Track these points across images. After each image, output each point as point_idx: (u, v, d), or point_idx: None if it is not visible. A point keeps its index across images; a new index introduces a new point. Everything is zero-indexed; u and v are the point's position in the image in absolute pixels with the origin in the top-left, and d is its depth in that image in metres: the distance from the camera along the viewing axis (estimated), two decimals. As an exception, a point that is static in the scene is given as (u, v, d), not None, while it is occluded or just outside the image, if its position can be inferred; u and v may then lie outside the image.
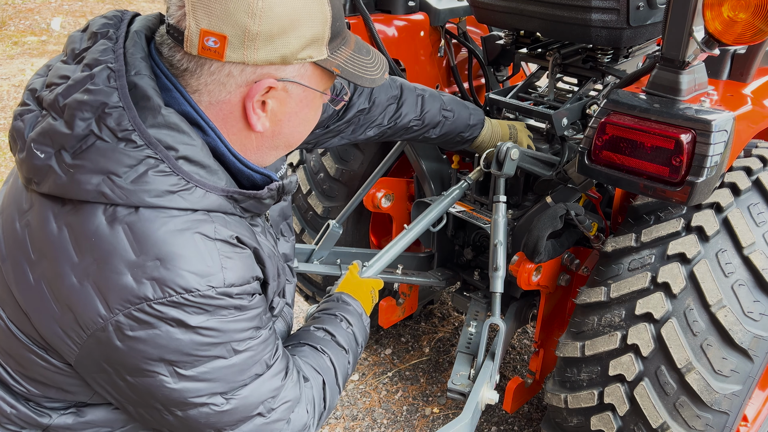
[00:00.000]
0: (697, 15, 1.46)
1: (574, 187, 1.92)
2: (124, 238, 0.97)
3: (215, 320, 1.01)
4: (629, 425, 1.66)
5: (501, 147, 1.88)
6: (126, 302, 0.96)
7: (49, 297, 1.00)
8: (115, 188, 0.96)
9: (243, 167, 1.11)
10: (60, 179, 0.98)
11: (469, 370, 1.90)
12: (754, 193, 1.71)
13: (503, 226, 1.88)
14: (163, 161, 0.98)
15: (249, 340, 1.08)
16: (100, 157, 0.97)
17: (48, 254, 1.00)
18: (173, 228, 0.98)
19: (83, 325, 0.99)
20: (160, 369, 1.00)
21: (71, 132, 0.97)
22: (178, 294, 0.97)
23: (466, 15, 2.53)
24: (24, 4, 9.20)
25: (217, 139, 1.07)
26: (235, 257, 1.04)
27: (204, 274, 0.99)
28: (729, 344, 1.56)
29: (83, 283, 0.98)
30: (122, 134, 0.97)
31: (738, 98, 1.72)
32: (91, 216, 0.98)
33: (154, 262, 0.96)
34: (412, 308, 2.67)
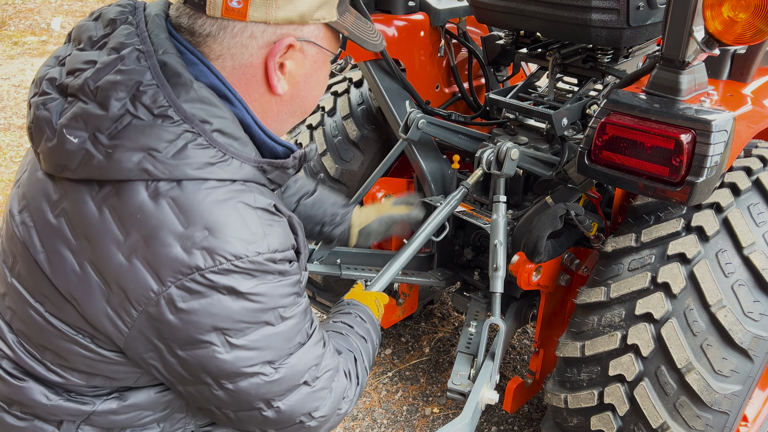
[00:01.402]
0: (697, 15, 1.46)
1: (574, 187, 1.92)
2: (170, 212, 0.98)
3: (263, 285, 1.03)
4: (629, 425, 1.66)
5: (501, 147, 1.88)
6: (178, 273, 0.98)
7: (97, 279, 1.01)
8: (157, 163, 0.98)
9: (267, 139, 1.14)
10: (98, 161, 0.98)
11: (469, 370, 1.90)
12: (754, 193, 1.71)
13: (503, 226, 1.88)
14: (200, 135, 1.01)
15: (293, 306, 1.10)
16: (138, 135, 0.98)
17: (91, 237, 1.01)
18: (217, 198, 1.01)
19: (135, 302, 0.99)
20: (212, 339, 1.02)
21: (106, 113, 0.98)
22: (228, 261, 0.99)
23: (466, 15, 2.53)
24: (24, 4, 9.20)
25: (243, 110, 1.10)
26: (275, 225, 1.07)
27: (250, 240, 1.01)
28: (729, 344, 1.56)
29: (132, 260, 0.98)
30: (158, 111, 0.99)
31: (738, 98, 1.72)
32: (133, 194, 0.99)
33: (203, 232, 0.98)
34: (412, 308, 2.67)
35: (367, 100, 2.56)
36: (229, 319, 1.02)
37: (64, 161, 1.01)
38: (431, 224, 1.97)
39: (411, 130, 2.13)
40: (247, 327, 1.04)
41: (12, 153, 5.09)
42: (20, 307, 1.10)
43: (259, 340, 1.06)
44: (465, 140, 2.27)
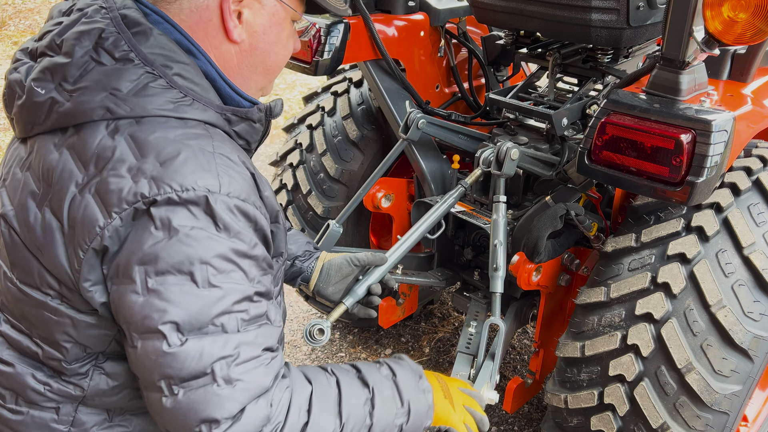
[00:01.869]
0: (697, 15, 1.46)
1: (574, 187, 1.92)
2: (126, 146, 1.01)
3: (200, 231, 0.99)
4: (629, 425, 1.66)
5: (501, 147, 1.88)
6: (123, 203, 0.98)
7: (56, 222, 1.03)
8: (118, 101, 1.01)
9: (231, 91, 1.15)
10: (62, 106, 1.03)
11: (469, 370, 1.90)
12: (754, 193, 1.71)
13: (503, 226, 1.88)
14: (160, 77, 1.04)
15: (226, 277, 1.01)
16: (101, 77, 1.03)
17: (51, 180, 1.04)
18: (175, 136, 1.02)
19: (83, 240, 1.00)
20: (134, 274, 0.99)
21: (71, 60, 1.03)
22: (173, 190, 0.98)
23: (466, 15, 2.53)
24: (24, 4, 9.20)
25: (206, 62, 1.12)
26: (233, 173, 1.04)
27: (201, 176, 1.00)
28: (729, 344, 1.56)
29: (84, 194, 1.01)
30: (120, 54, 1.04)
31: (738, 98, 1.72)
32: (93, 133, 1.02)
33: (154, 164, 0.99)
34: (412, 308, 2.67)
35: (367, 100, 2.56)
36: (154, 255, 0.97)
37: (33, 115, 1.06)
38: (427, 221, 1.96)
39: (411, 130, 2.13)
40: (168, 272, 0.98)
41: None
42: (2, 282, 1.15)
43: (174, 293, 0.98)
44: (465, 140, 2.27)
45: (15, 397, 1.16)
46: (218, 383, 1.00)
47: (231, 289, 1.02)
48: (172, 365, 0.99)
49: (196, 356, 0.99)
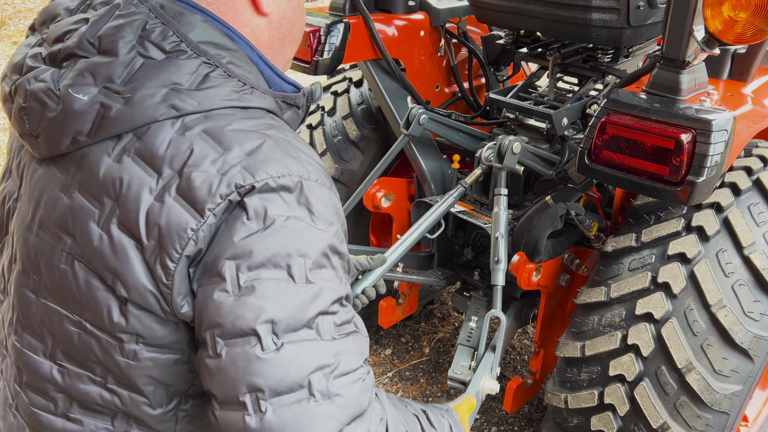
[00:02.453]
0: (698, 14, 1.46)
1: (575, 186, 1.92)
2: (203, 142, 0.91)
3: (295, 220, 0.90)
4: (629, 425, 1.66)
5: (503, 140, 1.87)
6: (217, 197, 0.88)
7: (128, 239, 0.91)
8: (183, 96, 0.91)
9: (275, 75, 1.08)
10: (117, 110, 0.91)
11: (469, 361, 1.89)
12: (755, 193, 1.71)
13: (505, 218, 1.88)
14: (217, 66, 0.95)
15: (321, 271, 0.92)
16: (156, 72, 0.92)
17: (115, 194, 0.92)
18: (250, 127, 0.94)
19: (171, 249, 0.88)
20: (224, 270, 0.88)
21: (115, 58, 0.92)
22: (269, 176, 0.89)
23: (466, 15, 2.53)
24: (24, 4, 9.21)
25: (247, 46, 1.04)
26: (314, 161, 0.98)
27: (291, 163, 0.92)
28: (729, 344, 1.56)
29: (164, 199, 0.89)
30: (171, 47, 0.93)
31: (738, 98, 1.72)
32: (159, 133, 0.91)
33: (239, 154, 0.90)
34: (412, 308, 2.67)
35: (367, 99, 2.56)
36: (246, 247, 0.87)
37: (74, 126, 0.92)
38: (427, 221, 1.96)
39: (413, 126, 2.12)
40: (263, 265, 0.88)
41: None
42: (58, 326, 1.00)
43: (270, 288, 0.87)
44: (465, 139, 2.27)
45: None
46: (315, 398, 0.87)
47: (326, 287, 0.92)
48: (264, 374, 0.86)
49: (293, 364, 0.87)
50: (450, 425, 1.26)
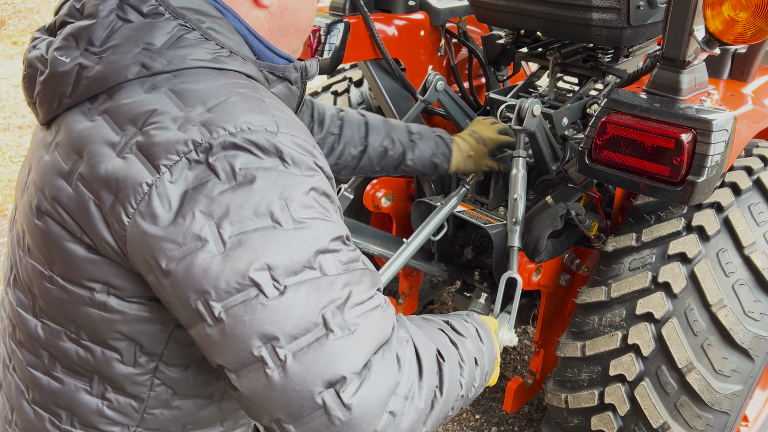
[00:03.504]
0: (698, 14, 1.46)
1: (575, 186, 1.92)
2: (168, 99, 0.90)
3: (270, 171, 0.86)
4: (630, 425, 1.66)
5: (523, 102, 1.86)
6: (173, 154, 0.86)
7: (89, 194, 0.91)
8: (154, 55, 0.92)
9: (263, 47, 1.06)
10: (92, 70, 0.93)
11: None
12: (755, 193, 1.71)
13: (522, 179, 1.86)
14: (194, 29, 0.96)
15: (311, 211, 0.87)
16: (131, 33, 0.93)
17: (83, 150, 0.92)
18: (218, 85, 0.93)
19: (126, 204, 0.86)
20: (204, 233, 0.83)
21: (96, 21, 0.95)
22: (227, 132, 0.86)
23: (466, 14, 2.53)
24: (23, 3, 9.20)
25: (235, 19, 1.03)
26: (289, 116, 0.95)
27: (256, 117, 0.89)
28: (730, 344, 1.56)
29: (125, 155, 0.88)
30: (148, 9, 0.95)
31: (738, 98, 1.72)
32: (128, 93, 0.92)
33: (201, 111, 0.89)
34: (412, 308, 2.67)
35: (367, 99, 2.56)
36: (222, 206, 0.84)
37: (59, 88, 0.96)
38: (431, 223, 1.96)
39: (429, 92, 2.10)
40: (244, 217, 0.84)
41: (11, 153, 5.09)
42: (38, 283, 1.02)
43: (258, 239, 0.83)
44: None
45: (70, 418, 1.05)
46: (334, 332, 0.82)
47: (319, 225, 0.87)
48: (274, 319, 0.81)
49: (301, 304, 0.82)
50: (476, 328, 1.22)
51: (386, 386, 0.85)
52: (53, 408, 1.07)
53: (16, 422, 1.14)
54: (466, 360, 1.09)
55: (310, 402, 0.82)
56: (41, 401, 1.08)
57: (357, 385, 0.82)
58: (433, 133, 1.91)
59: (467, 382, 1.08)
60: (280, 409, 0.83)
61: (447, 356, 1.02)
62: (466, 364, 1.08)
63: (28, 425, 1.11)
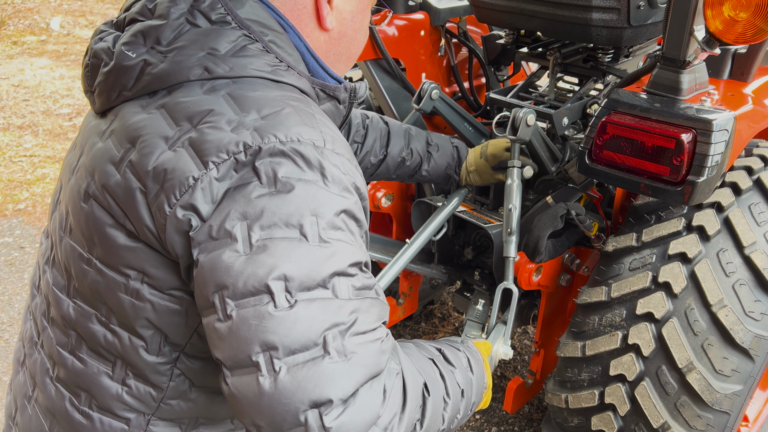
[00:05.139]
0: (698, 14, 1.46)
1: (575, 186, 1.92)
2: (225, 103, 0.95)
3: (308, 183, 0.90)
4: (630, 425, 1.66)
5: (517, 112, 1.86)
6: (222, 152, 0.90)
7: (134, 184, 0.94)
8: (217, 60, 0.98)
9: (319, 67, 1.12)
10: (156, 67, 0.98)
11: (480, 333, 1.88)
12: (755, 193, 1.71)
13: (517, 190, 1.87)
14: (257, 41, 1.01)
15: (336, 232, 0.91)
16: (197, 37, 0.99)
17: (136, 139, 0.96)
18: (274, 95, 0.98)
19: (170, 193, 0.90)
20: (234, 230, 0.87)
21: (166, 22, 1.00)
22: (277, 139, 0.90)
23: (466, 14, 2.52)
24: (23, 3, 9.20)
25: (296, 36, 1.09)
26: (336, 134, 1.00)
27: (306, 131, 0.94)
28: (730, 344, 1.56)
29: (176, 149, 0.92)
30: (216, 17, 1.01)
31: (739, 98, 1.72)
32: (188, 92, 0.98)
33: (255, 117, 0.94)
34: (412, 308, 2.67)
35: (367, 99, 2.56)
36: (257, 209, 0.87)
37: (121, 80, 1.01)
38: (432, 224, 1.96)
39: (424, 100, 2.11)
40: (275, 224, 0.87)
41: (11, 153, 5.09)
42: (75, 265, 1.05)
43: (283, 247, 0.87)
44: (470, 131, 2.26)
45: (89, 400, 1.08)
46: (330, 355, 0.85)
47: (342, 248, 0.91)
48: (278, 330, 0.84)
49: (307, 321, 0.85)
50: (467, 357, 1.25)
51: (368, 416, 0.87)
52: (74, 388, 1.09)
53: (36, 398, 1.17)
54: (451, 394, 1.12)
55: (293, 417, 0.84)
56: (64, 380, 1.11)
57: (340, 411, 0.85)
58: (451, 145, 1.97)
59: (450, 416, 1.11)
60: (263, 417, 0.86)
61: (433, 390, 1.05)
62: (450, 399, 1.11)
63: (48, 403, 1.13)
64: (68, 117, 5.82)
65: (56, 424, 1.12)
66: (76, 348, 1.08)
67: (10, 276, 3.59)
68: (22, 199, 4.43)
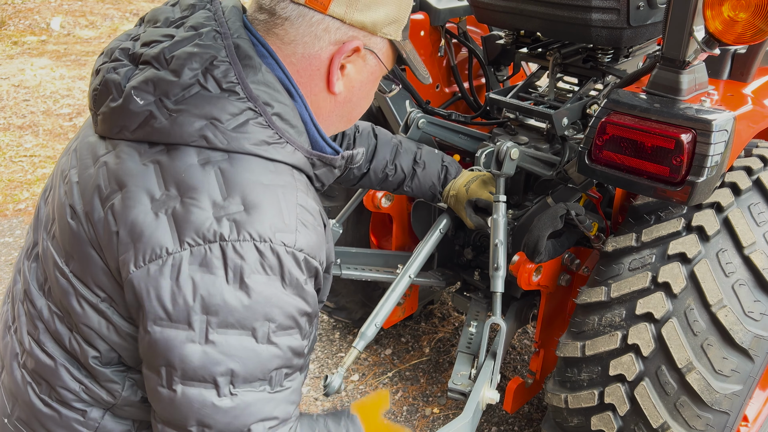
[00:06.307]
0: (698, 15, 1.46)
1: (575, 187, 1.92)
2: (215, 180, 1.00)
3: (269, 286, 0.99)
4: (630, 425, 1.66)
5: (501, 146, 1.88)
6: (200, 237, 0.97)
7: (113, 228, 1.01)
8: (217, 132, 1.01)
9: (319, 137, 1.17)
10: (160, 123, 1.02)
11: (469, 369, 1.90)
12: (755, 193, 1.71)
13: (503, 225, 1.88)
14: (261, 115, 1.05)
15: (285, 334, 1.02)
16: (204, 103, 1.02)
17: (124, 184, 1.02)
18: (263, 180, 1.02)
19: (142, 255, 0.98)
20: (194, 321, 0.97)
21: (178, 80, 1.03)
22: (252, 239, 0.97)
23: (466, 15, 2.53)
24: (24, 3, 9.20)
25: (302, 105, 1.14)
26: (311, 228, 1.06)
27: (280, 229, 1.00)
28: (729, 344, 1.56)
29: (159, 214, 0.98)
30: (227, 85, 1.04)
31: (738, 98, 1.72)
32: (184, 156, 1.02)
33: (239, 206, 0.99)
34: (412, 308, 2.67)
35: (367, 99, 2.56)
36: (217, 306, 0.96)
37: (124, 121, 1.05)
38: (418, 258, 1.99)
39: (411, 130, 2.13)
40: (231, 325, 0.98)
41: (11, 153, 5.09)
42: (50, 270, 1.12)
43: (234, 347, 0.98)
44: (465, 140, 2.27)
45: (49, 390, 1.15)
46: None
47: (287, 346, 1.04)
48: (216, 417, 1.00)
49: (241, 414, 1.01)
50: None
51: None
52: (37, 377, 1.16)
53: (3, 380, 1.23)
54: None
55: None
56: (29, 367, 1.17)
57: None
58: (440, 164, 1.98)
59: None
60: None
61: None
62: None
63: (13, 386, 1.20)
64: (68, 117, 5.82)
65: (17, 407, 1.19)
66: (44, 341, 1.15)
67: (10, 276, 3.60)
68: (22, 199, 4.44)
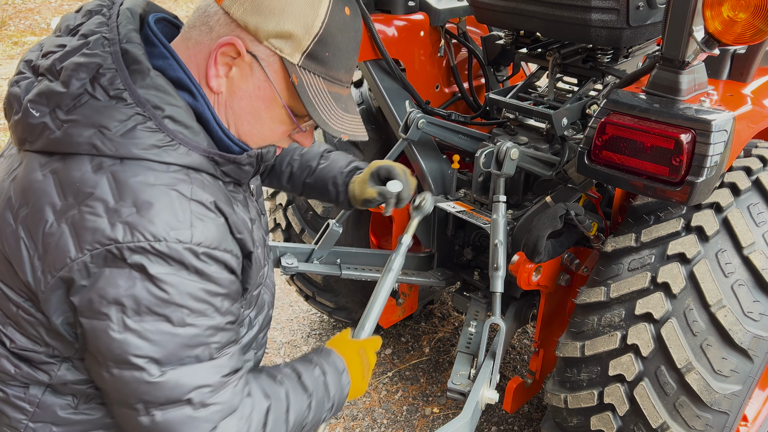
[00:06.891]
0: (697, 15, 1.46)
1: (574, 187, 1.92)
2: (107, 185, 1.04)
3: (174, 277, 1.05)
4: (629, 425, 1.66)
5: (500, 147, 1.88)
6: (96, 243, 1.02)
7: (24, 243, 1.07)
8: (105, 140, 1.04)
9: (223, 135, 1.18)
10: (53, 134, 1.06)
11: (469, 369, 1.90)
12: (754, 193, 1.71)
13: (503, 225, 1.88)
14: (150, 119, 1.07)
15: (201, 316, 1.09)
16: (92, 113, 1.05)
17: (30, 199, 1.07)
18: (153, 181, 1.05)
19: (52, 267, 1.04)
20: (110, 312, 1.03)
21: (67, 90, 1.05)
22: (146, 240, 1.02)
23: (466, 15, 2.53)
24: (24, 4, 9.21)
25: (204, 105, 1.15)
26: (207, 221, 1.09)
27: (174, 227, 1.04)
28: (729, 344, 1.56)
29: (61, 224, 1.04)
30: (114, 92, 1.06)
31: (738, 98, 1.72)
32: (78, 164, 1.05)
33: (130, 209, 1.03)
34: (412, 308, 2.67)
35: (367, 100, 2.56)
36: (131, 297, 1.03)
37: (25, 134, 1.09)
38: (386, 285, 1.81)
39: (411, 130, 2.13)
40: (146, 313, 1.04)
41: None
42: None
43: (152, 332, 1.05)
44: (465, 140, 2.27)
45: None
46: (194, 407, 1.10)
47: (204, 324, 1.09)
48: (152, 392, 1.07)
49: (175, 386, 1.08)
50: (322, 372, 1.39)
51: None
52: None
53: None
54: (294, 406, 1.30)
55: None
56: None
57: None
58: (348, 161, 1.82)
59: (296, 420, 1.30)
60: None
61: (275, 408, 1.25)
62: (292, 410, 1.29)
63: None
64: (68, 117, 5.82)
65: None
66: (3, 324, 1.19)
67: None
68: (22, 199, 4.43)
